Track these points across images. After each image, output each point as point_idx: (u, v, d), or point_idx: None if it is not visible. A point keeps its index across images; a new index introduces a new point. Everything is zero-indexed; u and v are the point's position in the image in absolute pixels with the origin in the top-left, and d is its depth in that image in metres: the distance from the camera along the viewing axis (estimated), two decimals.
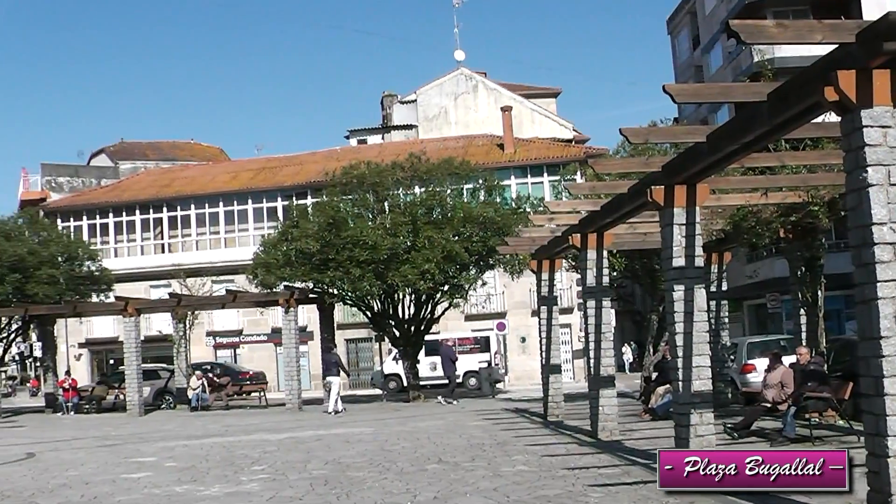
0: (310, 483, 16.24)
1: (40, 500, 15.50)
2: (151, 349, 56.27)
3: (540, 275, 28.99)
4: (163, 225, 68.46)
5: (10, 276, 47.72)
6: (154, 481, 17.48)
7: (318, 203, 46.42)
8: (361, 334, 61.92)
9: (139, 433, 31.80)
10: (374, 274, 40.85)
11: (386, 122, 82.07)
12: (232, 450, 23.30)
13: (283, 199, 64.11)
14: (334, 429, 29.22)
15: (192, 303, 48.65)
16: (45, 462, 22.38)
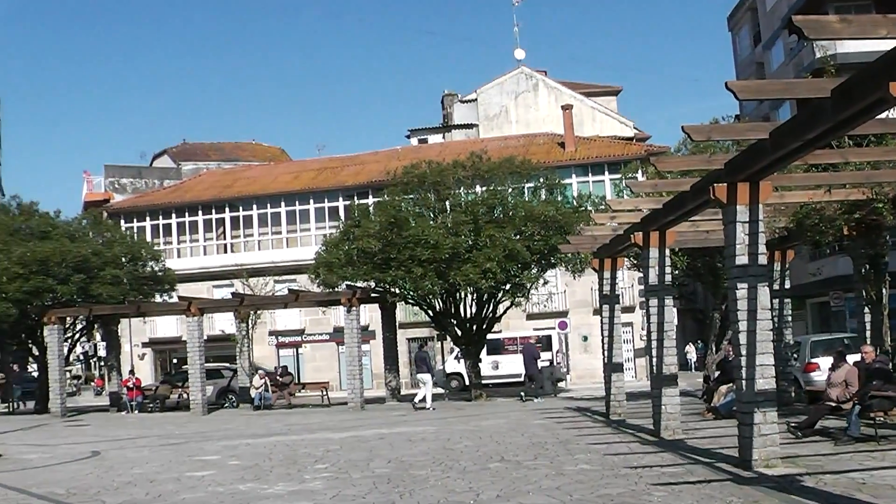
0: (373, 481, 16.27)
1: (106, 498, 15.59)
2: (214, 349, 56.57)
3: (602, 273, 28.90)
4: (225, 225, 68.78)
5: (74, 277, 48.10)
6: (218, 479, 17.58)
7: (380, 202, 46.49)
8: (423, 333, 61.87)
9: (202, 432, 31.98)
10: (436, 273, 40.89)
11: (446, 122, 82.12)
12: (295, 448, 23.40)
13: (344, 199, 64.24)
14: (397, 427, 29.28)
15: (254, 302, 48.85)
16: (111, 460, 22.52)
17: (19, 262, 46.95)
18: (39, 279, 47.25)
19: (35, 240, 49.57)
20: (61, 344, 48.64)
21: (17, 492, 16.85)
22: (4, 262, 47.11)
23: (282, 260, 64.15)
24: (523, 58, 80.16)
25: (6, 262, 47.07)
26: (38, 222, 51.96)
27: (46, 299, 48.82)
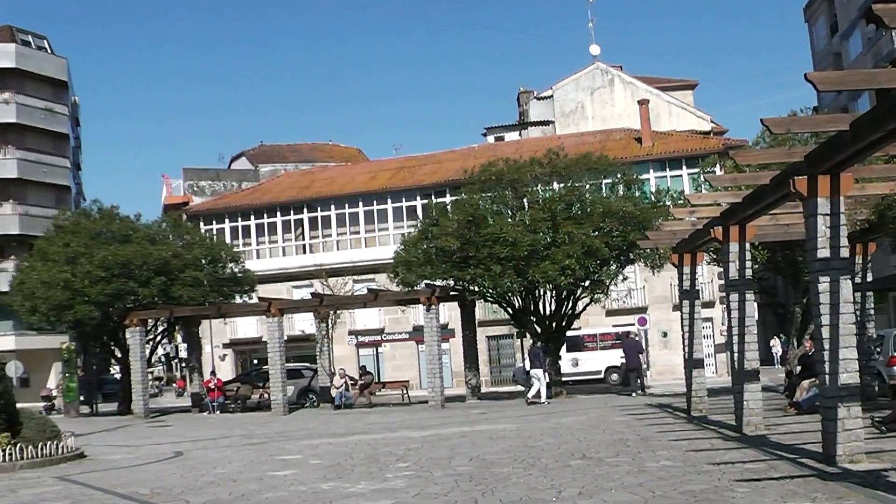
0: (454, 479, 16.29)
1: (190, 498, 15.72)
2: (294, 349, 56.89)
3: (681, 268, 28.74)
4: (303, 226, 69.10)
5: (155, 279, 48.55)
6: (300, 479, 17.67)
7: (457, 201, 46.48)
8: (502, 331, 61.89)
9: (284, 431, 32.15)
10: (515, 270, 40.84)
11: (523, 119, 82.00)
12: (376, 447, 23.46)
13: (422, 198, 64.34)
14: (478, 425, 29.29)
15: (333, 302, 49.02)
16: (193, 460, 22.71)
17: (101, 266, 47.49)
18: (121, 282, 47.77)
19: (116, 243, 50.10)
20: (143, 346, 49.10)
21: (102, 492, 17.04)
22: (87, 265, 47.66)
23: (360, 259, 64.37)
24: (599, 53, 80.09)
25: (88, 265, 47.62)
26: (119, 226, 52.49)
27: (128, 302, 49.34)
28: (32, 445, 22.24)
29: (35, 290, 49.06)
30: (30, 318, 52.25)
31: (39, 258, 51.28)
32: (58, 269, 48.54)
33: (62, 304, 48.10)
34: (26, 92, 78.03)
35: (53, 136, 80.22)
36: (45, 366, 72.30)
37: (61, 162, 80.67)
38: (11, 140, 76.83)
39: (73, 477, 19.65)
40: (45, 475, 20.24)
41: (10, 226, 75.06)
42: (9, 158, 76.22)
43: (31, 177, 76.98)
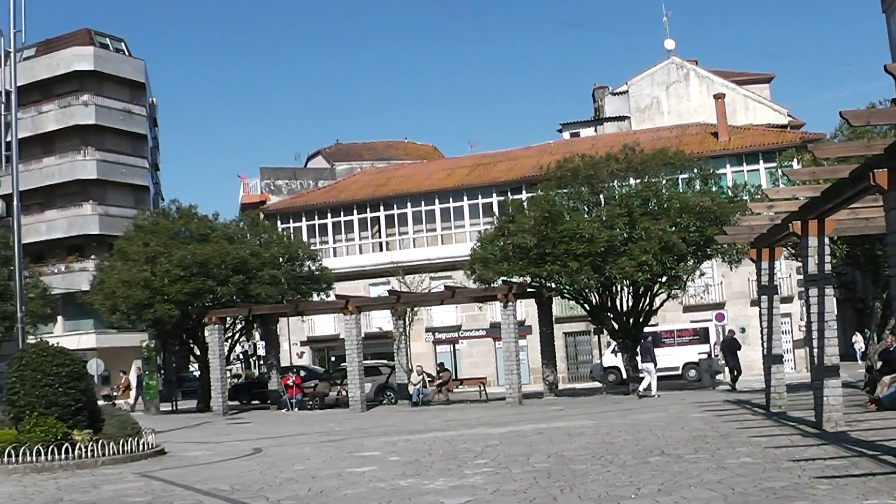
0: (533, 476, 16.26)
1: (269, 494, 15.80)
2: (372, 346, 57.10)
3: (759, 263, 28.54)
4: (380, 223, 69.34)
5: (234, 278, 48.88)
6: (379, 475, 17.70)
7: (534, 197, 46.40)
8: (579, 328, 61.79)
9: (362, 428, 32.21)
10: (592, 267, 40.76)
11: (598, 115, 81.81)
12: (454, 444, 23.47)
13: (498, 195, 64.32)
14: (555, 422, 29.24)
15: (411, 300, 49.12)
16: (272, 457, 22.80)
17: (180, 265, 47.89)
18: (200, 281, 48.15)
19: (195, 242, 50.49)
20: (222, 343, 49.41)
21: (182, 488, 17.17)
22: (166, 264, 48.08)
23: (437, 257, 64.50)
24: (673, 48, 79.69)
25: (167, 264, 48.04)
26: (197, 225, 52.89)
27: (207, 300, 49.69)
28: (114, 442, 22.47)
29: (115, 289, 49.56)
30: (110, 316, 52.80)
31: (119, 258, 51.81)
32: (137, 268, 49.01)
33: (142, 302, 48.55)
34: (105, 94, 78.80)
35: (132, 137, 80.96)
36: (125, 364, 72.95)
37: (140, 162, 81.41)
38: (91, 141, 77.64)
39: (153, 473, 19.81)
40: (127, 471, 20.43)
41: (91, 226, 75.86)
42: (88, 159, 77.04)
43: (110, 177, 77.73)
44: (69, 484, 18.59)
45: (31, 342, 24.76)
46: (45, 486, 18.52)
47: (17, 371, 22.77)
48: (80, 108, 77.20)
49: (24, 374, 22.60)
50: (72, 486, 18.14)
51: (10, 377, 22.84)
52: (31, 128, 74.17)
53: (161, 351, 60.75)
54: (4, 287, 52.25)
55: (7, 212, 72.87)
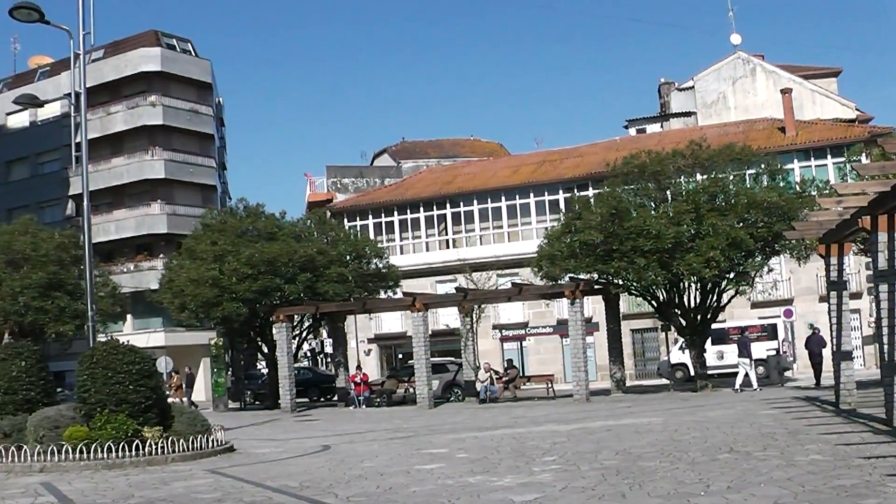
0: (601, 473, 16.23)
1: (338, 491, 15.85)
2: (439, 343, 57.13)
3: (828, 259, 28.33)
4: (446, 221, 69.39)
5: (301, 276, 49.15)
6: (447, 472, 17.72)
7: (600, 194, 46.32)
8: (647, 324, 61.59)
9: (430, 425, 32.28)
10: (659, 263, 40.64)
11: (664, 110, 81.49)
12: (522, 441, 23.47)
13: (564, 192, 64.21)
14: (623, 419, 29.16)
15: (478, 297, 49.16)
16: (341, 454, 22.88)
17: (248, 263, 48.22)
18: (268, 279, 48.46)
19: (262, 241, 50.81)
20: (290, 341, 49.70)
21: (252, 485, 17.27)
22: (234, 263, 48.43)
23: (503, 254, 64.48)
24: (739, 42, 79.13)
25: (236, 263, 48.38)
26: (264, 224, 53.23)
27: (275, 298, 49.95)
28: (183, 439, 22.66)
29: (184, 287, 50.00)
30: (179, 315, 53.28)
31: (188, 256, 52.26)
32: (206, 266, 49.41)
33: (210, 301, 48.94)
34: (172, 94, 79.30)
35: (199, 137, 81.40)
36: (193, 362, 73.45)
37: (207, 162, 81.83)
38: (158, 142, 78.15)
39: (223, 470, 19.95)
40: (196, 468, 20.59)
41: (159, 225, 76.39)
42: (156, 159, 77.56)
43: (177, 177, 78.21)
44: (140, 480, 18.77)
45: (102, 340, 24.99)
46: (117, 482, 18.71)
47: (88, 369, 23.02)
48: (147, 109, 77.74)
49: (95, 371, 22.83)
50: (142, 483, 18.31)
51: (82, 375, 23.09)
52: (100, 129, 74.78)
53: (229, 349, 61.11)
54: (75, 286, 52.81)
55: (77, 212, 73.76)
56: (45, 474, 20.61)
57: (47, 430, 22.54)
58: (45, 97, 46.10)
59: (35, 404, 24.99)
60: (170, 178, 77.62)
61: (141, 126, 77.70)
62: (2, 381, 25.64)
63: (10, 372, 25.71)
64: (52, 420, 22.97)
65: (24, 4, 27.15)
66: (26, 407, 24.84)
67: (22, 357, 26.19)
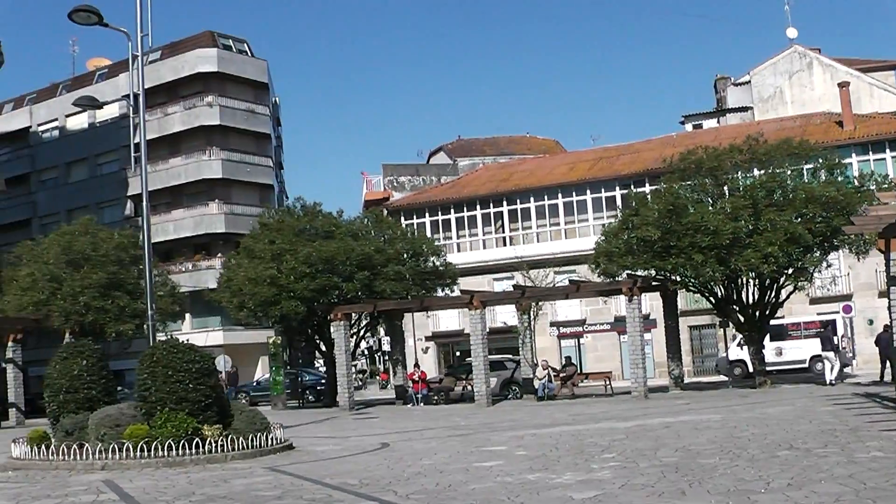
0: (661, 470, 16.19)
1: (397, 489, 15.89)
2: (496, 340, 57.07)
3: (888, 254, 28.10)
4: (503, 218, 69.37)
5: (359, 274, 49.30)
6: (506, 469, 17.72)
7: (657, 190, 46.22)
8: (704, 321, 61.28)
9: (488, 423, 32.28)
10: (717, 259, 40.52)
11: (720, 106, 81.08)
12: (581, 438, 23.45)
13: (621, 188, 64.04)
14: (682, 416, 29.08)
15: (535, 294, 49.14)
16: (399, 451, 22.95)
17: (306, 262, 48.43)
18: (325, 277, 48.65)
19: (320, 239, 50.98)
20: (348, 339, 49.85)
21: (311, 482, 17.34)
22: (292, 261, 48.64)
23: (560, 251, 64.31)
24: (796, 36, 78.66)
25: (293, 261, 48.60)
26: (322, 222, 53.41)
27: (332, 297, 50.12)
28: (243, 437, 22.79)
29: (242, 286, 50.29)
30: (237, 313, 53.62)
31: (246, 255, 52.54)
32: (264, 265, 49.67)
33: (268, 299, 49.18)
34: (228, 95, 79.76)
35: (256, 137, 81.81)
36: (251, 360, 73.91)
37: (264, 161, 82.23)
38: (216, 141, 78.61)
39: (282, 468, 20.04)
40: (256, 466, 20.70)
41: (217, 225, 76.85)
42: (213, 159, 78.03)
43: (235, 176, 78.66)
44: (200, 478, 18.91)
45: (162, 339, 25.20)
46: (177, 479, 18.86)
47: (148, 367, 23.21)
48: (204, 109, 78.23)
49: (155, 370, 23.02)
50: (203, 481, 18.44)
51: (143, 373, 23.29)
52: (158, 129, 75.28)
53: (287, 347, 61.32)
54: (135, 285, 53.30)
55: (136, 212, 74.35)
56: (107, 472, 20.82)
57: (109, 428, 22.74)
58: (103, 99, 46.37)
59: (96, 403, 25.25)
60: (227, 177, 78.08)
61: (198, 126, 78.26)
62: (64, 379, 25.94)
63: (72, 371, 26.00)
64: (114, 418, 23.18)
65: (82, 7, 27.38)
66: (87, 405, 25.10)
67: (83, 356, 26.46)
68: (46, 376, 27.12)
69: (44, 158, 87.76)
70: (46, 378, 27.08)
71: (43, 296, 52.74)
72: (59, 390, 25.92)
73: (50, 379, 26.52)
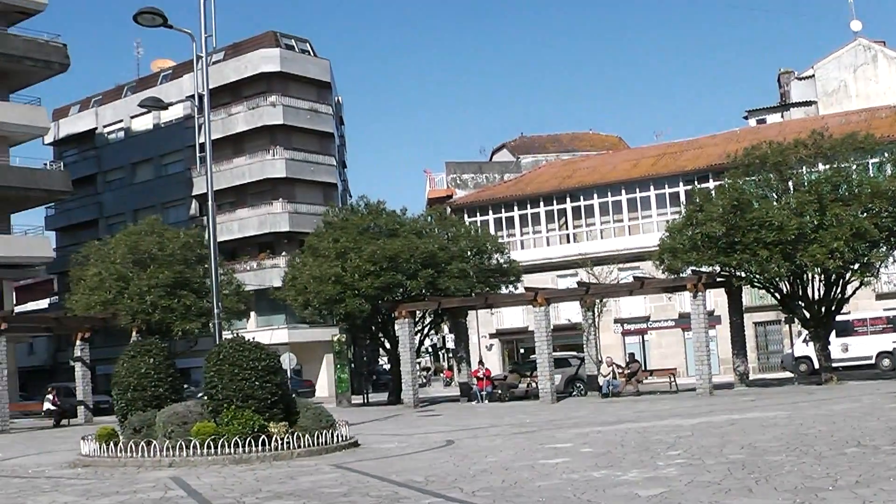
0: (727, 467, 16.12)
1: (463, 486, 15.91)
2: (560, 337, 57.05)
3: None
4: (566, 215, 69.27)
5: (423, 272, 49.43)
6: (571, 466, 17.72)
7: (721, 186, 45.99)
8: (770, 317, 60.94)
9: (553, 420, 32.27)
10: (782, 255, 40.30)
11: (784, 100, 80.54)
12: (646, 435, 23.41)
13: (684, 184, 63.80)
14: (747, 413, 28.96)
15: (599, 291, 49.04)
16: (465, 448, 22.99)
17: (370, 260, 48.65)
18: (390, 275, 48.80)
19: (384, 237, 51.21)
20: (412, 337, 49.95)
21: (377, 479, 17.41)
22: (356, 260, 48.89)
23: (624, 247, 64.13)
24: (860, 29, 78.00)
25: (358, 260, 48.85)
26: (386, 220, 53.61)
27: (397, 294, 50.36)
28: (309, 434, 22.92)
29: (307, 284, 50.59)
30: (302, 312, 53.99)
31: (310, 254, 52.83)
32: (328, 264, 49.93)
33: (333, 297, 49.44)
34: (291, 94, 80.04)
35: (319, 136, 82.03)
36: (316, 357, 74.22)
37: (327, 160, 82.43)
38: (279, 141, 78.92)
39: (348, 465, 20.13)
40: (322, 463, 20.81)
41: (281, 223, 77.15)
42: (277, 159, 78.33)
43: (298, 176, 78.93)
44: (266, 475, 19.04)
45: (228, 337, 25.39)
46: (244, 476, 19.00)
47: (215, 365, 23.40)
48: (268, 109, 78.55)
49: (222, 368, 23.20)
50: (269, 478, 18.57)
51: (209, 371, 23.49)
52: (222, 129, 75.63)
53: (352, 345, 61.55)
54: (200, 284, 53.69)
55: (201, 211, 74.86)
56: (175, 469, 21.05)
57: (176, 425, 22.97)
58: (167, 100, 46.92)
59: (163, 400, 25.51)
60: (291, 176, 78.37)
61: (262, 126, 78.61)
62: (131, 377, 26.20)
63: (140, 369, 26.26)
64: (181, 416, 23.40)
65: (148, 10, 27.61)
66: (155, 403, 25.37)
67: (150, 354, 26.73)
68: (114, 374, 27.41)
69: (110, 159, 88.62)
70: (114, 376, 27.37)
71: (110, 295, 53.19)
72: (127, 388, 26.19)
73: (118, 377, 26.79)
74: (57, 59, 68.84)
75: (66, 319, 53.77)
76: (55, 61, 68.86)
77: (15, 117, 67.08)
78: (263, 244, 78.58)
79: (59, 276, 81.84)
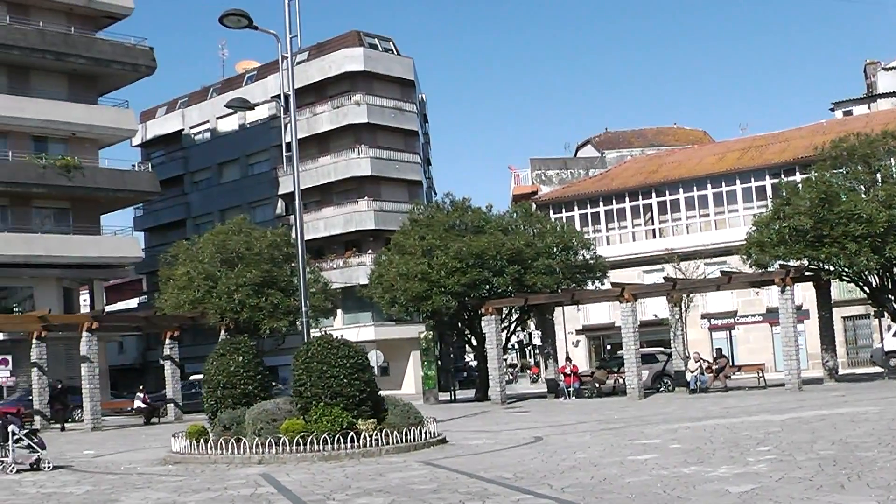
0: (818, 463, 16.02)
1: (552, 482, 15.93)
2: (647, 333, 56.87)
3: None
4: (652, 210, 68.95)
5: (509, 269, 49.44)
6: (660, 463, 17.70)
7: (808, 179, 45.61)
8: (859, 311, 60.27)
9: (640, 416, 32.18)
10: (871, 248, 39.93)
11: (871, 91, 79.71)
12: (735, 431, 23.29)
13: (771, 178, 63.23)
14: (837, 408, 28.71)
15: (686, 286, 48.81)
16: (553, 445, 23.00)
17: (456, 257, 48.77)
18: (476, 272, 48.88)
19: (470, 235, 51.29)
20: (499, 333, 49.97)
21: (466, 476, 17.47)
22: (442, 257, 49.03)
23: (710, 242, 63.75)
24: None
25: (444, 257, 48.99)
26: (471, 217, 53.74)
27: (483, 291, 50.35)
28: (397, 431, 23.04)
29: (393, 282, 50.80)
30: (389, 309, 54.18)
31: (396, 251, 53.03)
32: (415, 261, 50.11)
33: (420, 295, 49.63)
34: (375, 93, 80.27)
35: (403, 134, 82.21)
36: (402, 355, 74.40)
37: (412, 158, 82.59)
38: (364, 139, 79.20)
39: (437, 461, 20.22)
40: (411, 459, 20.92)
41: (366, 221, 77.40)
42: (363, 157, 78.58)
43: (383, 174, 79.15)
44: (356, 472, 19.17)
45: (316, 335, 25.57)
46: (333, 473, 19.15)
47: (304, 363, 23.60)
48: (352, 108, 78.84)
49: (310, 365, 23.40)
50: (358, 474, 18.69)
51: (298, 369, 23.70)
52: (307, 129, 76.09)
53: (438, 342, 61.74)
54: (288, 283, 54.04)
55: (287, 210, 75.38)
56: (264, 466, 21.29)
57: (265, 423, 23.20)
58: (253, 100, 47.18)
59: (252, 398, 25.73)
60: (376, 174, 78.59)
61: (346, 125, 78.92)
62: (221, 375, 26.45)
63: (229, 367, 26.49)
64: (270, 413, 23.63)
65: (233, 11, 27.90)
66: (244, 401, 25.59)
67: (239, 353, 26.94)
68: (204, 373, 27.72)
69: (196, 160, 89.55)
70: (204, 374, 27.68)
71: (199, 294, 53.72)
72: (217, 386, 26.43)
73: (207, 375, 27.07)
74: (144, 62, 69.57)
75: (155, 318, 54.49)
76: (142, 64, 69.59)
77: (104, 120, 67.88)
78: (349, 242, 78.89)
79: (148, 276, 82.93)
